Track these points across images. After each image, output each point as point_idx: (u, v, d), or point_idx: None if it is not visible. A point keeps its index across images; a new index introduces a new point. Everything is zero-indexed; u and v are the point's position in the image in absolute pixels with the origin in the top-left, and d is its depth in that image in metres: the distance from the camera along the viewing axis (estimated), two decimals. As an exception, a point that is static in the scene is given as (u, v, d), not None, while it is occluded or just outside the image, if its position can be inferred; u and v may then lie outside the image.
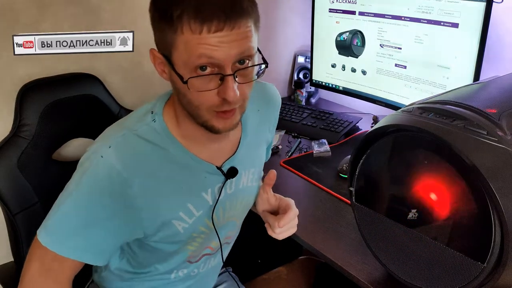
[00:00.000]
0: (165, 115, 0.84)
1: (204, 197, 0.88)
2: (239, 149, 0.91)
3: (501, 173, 0.65)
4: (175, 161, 0.83)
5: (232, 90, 0.72)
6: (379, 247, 0.86)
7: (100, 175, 0.77)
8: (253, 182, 0.98)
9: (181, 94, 0.77)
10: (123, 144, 0.79)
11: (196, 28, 0.68)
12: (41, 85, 1.18)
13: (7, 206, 1.07)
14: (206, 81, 0.73)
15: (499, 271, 0.67)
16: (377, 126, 0.81)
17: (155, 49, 0.77)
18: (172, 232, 0.87)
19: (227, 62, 0.71)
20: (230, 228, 1.00)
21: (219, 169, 0.88)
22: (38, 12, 1.23)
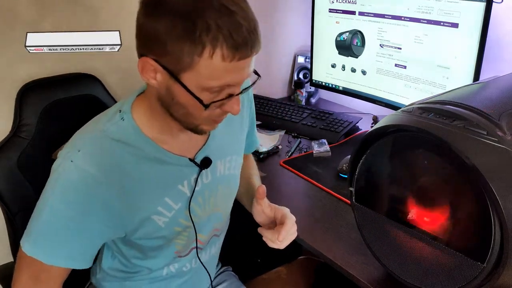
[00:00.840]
0: (134, 113, 0.84)
1: (180, 190, 0.89)
2: (210, 139, 0.93)
3: (501, 173, 0.65)
4: (147, 157, 0.84)
5: (238, 106, 0.77)
6: (379, 247, 0.86)
7: (73, 181, 0.77)
8: (231, 170, 0.99)
9: (178, 106, 0.76)
10: (92, 146, 0.79)
11: (228, 55, 0.69)
12: (41, 85, 1.18)
13: (7, 206, 1.07)
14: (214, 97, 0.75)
15: (499, 271, 0.67)
16: (377, 126, 0.81)
17: (151, 59, 0.74)
18: (153, 228, 0.88)
19: (241, 83, 0.76)
20: (215, 219, 1.00)
21: (192, 160, 0.89)
22: (37, 12, 1.23)
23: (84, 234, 0.81)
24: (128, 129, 0.82)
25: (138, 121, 0.84)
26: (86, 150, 0.78)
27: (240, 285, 1.20)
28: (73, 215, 0.79)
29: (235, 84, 0.75)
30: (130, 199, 0.83)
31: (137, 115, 0.84)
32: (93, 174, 0.77)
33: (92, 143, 0.80)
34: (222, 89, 0.74)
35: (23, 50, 1.23)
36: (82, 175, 0.77)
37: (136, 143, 0.83)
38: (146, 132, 0.84)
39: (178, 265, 0.99)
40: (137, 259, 0.95)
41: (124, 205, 0.82)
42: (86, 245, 0.83)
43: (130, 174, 0.82)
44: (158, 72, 0.75)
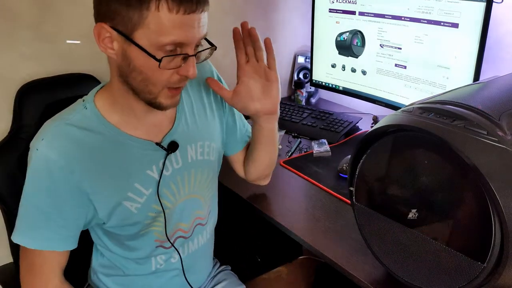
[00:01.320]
0: (97, 101, 0.87)
1: (149, 175, 0.90)
2: (176, 123, 0.94)
3: (501, 173, 0.65)
4: (111, 142, 0.86)
5: (194, 68, 0.79)
6: (379, 247, 0.86)
7: (40, 168, 0.81)
8: (204, 155, 0.99)
9: (135, 72, 0.79)
10: (54, 134, 0.82)
11: (173, 7, 0.72)
12: (40, 85, 1.18)
13: (6, 206, 1.07)
14: (170, 60, 0.78)
15: (499, 271, 0.67)
16: (377, 126, 0.81)
17: (105, 24, 0.77)
18: (126, 214, 0.89)
19: (193, 43, 0.78)
20: (193, 206, 1.00)
21: (158, 144, 0.90)
22: (39, 12, 1.23)
23: (58, 216, 0.84)
24: (91, 117, 0.85)
25: (101, 109, 0.86)
26: (49, 138, 0.82)
27: (239, 284, 1.19)
28: (44, 199, 0.83)
29: (187, 43, 0.77)
30: (98, 183, 0.85)
31: (100, 102, 0.87)
32: (55, 160, 0.80)
33: (54, 131, 0.83)
34: (174, 48, 0.76)
35: (23, 50, 1.23)
36: (46, 161, 0.81)
37: (99, 129, 0.85)
38: (109, 118, 0.86)
39: (165, 257, 0.99)
40: (122, 250, 0.97)
41: (92, 189, 0.85)
42: (63, 226, 0.86)
43: (95, 158, 0.84)
44: (114, 41, 0.78)
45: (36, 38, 1.24)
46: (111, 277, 1.02)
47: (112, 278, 1.02)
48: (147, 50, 0.75)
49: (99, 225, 0.93)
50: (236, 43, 0.97)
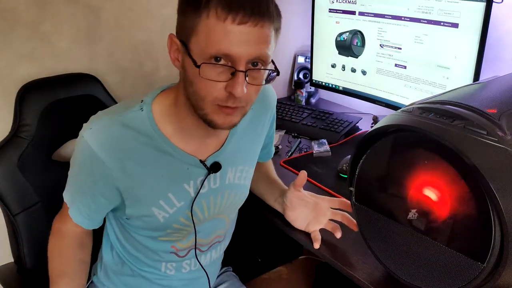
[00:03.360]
0: (155, 106, 0.86)
1: (185, 188, 0.90)
2: (225, 145, 0.93)
3: (501, 173, 0.65)
4: (155, 147, 0.85)
5: (241, 86, 0.73)
6: (379, 247, 0.86)
7: (82, 154, 0.84)
8: (241, 180, 0.99)
9: (188, 83, 0.78)
10: (103, 127, 0.83)
11: (221, 14, 0.70)
12: (40, 85, 1.18)
13: (7, 206, 1.07)
14: (217, 72, 0.74)
15: (499, 271, 0.67)
16: (377, 126, 0.81)
17: (174, 35, 0.79)
18: (152, 220, 0.89)
19: (243, 58, 0.72)
20: (217, 225, 1.00)
21: (202, 162, 0.89)
22: (38, 12, 1.23)
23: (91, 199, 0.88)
24: (144, 120, 0.85)
25: (156, 115, 0.85)
26: (96, 129, 0.82)
27: (241, 285, 1.19)
28: (85, 179, 0.87)
29: (236, 57, 0.72)
30: (133, 184, 0.85)
31: (157, 109, 0.86)
32: (96, 152, 0.82)
33: (104, 124, 0.83)
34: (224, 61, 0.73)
35: (23, 50, 1.23)
36: (88, 150, 0.82)
37: (149, 134, 0.85)
38: (162, 127, 0.86)
39: (176, 265, 0.99)
40: (134, 248, 0.97)
41: (125, 189, 0.86)
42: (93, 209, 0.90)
43: (136, 159, 0.84)
44: (180, 52, 0.78)
45: (35, 38, 1.24)
46: (117, 275, 1.02)
47: (119, 278, 1.02)
48: (194, 58, 0.74)
49: (121, 218, 0.95)
50: None
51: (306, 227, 1.02)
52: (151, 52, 1.48)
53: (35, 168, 1.12)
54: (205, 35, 0.72)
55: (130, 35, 1.42)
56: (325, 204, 1.01)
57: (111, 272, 1.02)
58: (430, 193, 0.75)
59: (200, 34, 0.72)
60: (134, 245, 0.97)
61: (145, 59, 1.47)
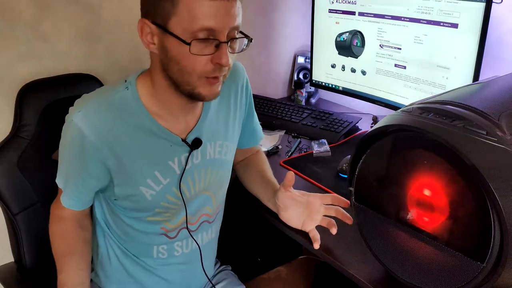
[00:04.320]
0: (139, 85, 0.90)
1: (171, 166, 0.93)
2: (201, 120, 0.96)
3: (501, 173, 0.65)
4: (142, 128, 0.89)
5: (226, 56, 0.80)
6: (379, 247, 0.86)
7: (72, 136, 0.87)
8: (222, 155, 1.02)
9: (172, 62, 0.81)
10: (92, 109, 0.86)
11: None
12: (40, 85, 1.18)
13: (7, 206, 1.07)
14: (203, 47, 0.79)
15: (499, 271, 0.67)
16: (377, 126, 0.81)
17: (145, 19, 0.81)
18: (140, 199, 0.92)
19: (224, 30, 0.79)
20: (204, 202, 1.02)
21: (184, 140, 0.93)
22: (38, 12, 1.23)
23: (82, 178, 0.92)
24: (130, 99, 0.88)
25: (141, 93, 0.89)
26: (85, 112, 0.86)
27: (239, 284, 1.20)
28: (76, 161, 0.90)
29: (219, 30, 0.78)
30: (122, 164, 0.89)
31: (141, 87, 0.90)
32: (87, 134, 0.85)
33: (92, 106, 0.86)
34: (207, 35, 0.78)
35: (23, 50, 1.23)
36: (78, 133, 0.86)
37: (135, 113, 0.88)
38: (147, 104, 0.89)
39: (168, 247, 1.01)
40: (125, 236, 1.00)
41: (115, 168, 0.89)
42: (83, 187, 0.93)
43: (123, 140, 0.88)
44: (154, 35, 0.81)
45: (35, 38, 1.24)
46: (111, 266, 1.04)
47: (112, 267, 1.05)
48: (180, 37, 0.78)
49: (109, 200, 0.97)
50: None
51: (302, 226, 1.02)
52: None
53: (35, 168, 1.12)
54: (187, 13, 0.76)
55: (130, 35, 1.42)
56: (317, 201, 1.01)
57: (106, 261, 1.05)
58: (429, 193, 0.75)
59: (181, 13, 0.76)
60: (124, 230, 0.99)
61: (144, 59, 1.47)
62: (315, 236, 0.99)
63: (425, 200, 0.76)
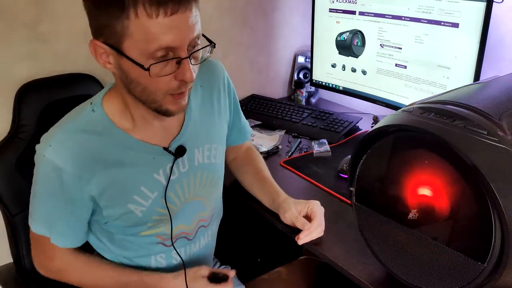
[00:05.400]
0: (105, 104, 0.86)
1: (156, 178, 0.90)
2: (184, 127, 0.93)
3: (502, 173, 0.65)
4: (118, 146, 0.86)
5: (190, 72, 0.76)
6: (380, 247, 0.86)
7: (49, 173, 0.83)
8: (211, 158, 1.00)
9: (134, 83, 0.78)
10: (61, 140, 0.82)
11: (152, 11, 0.69)
12: (39, 85, 1.18)
13: (6, 207, 1.07)
14: (164, 66, 0.75)
15: (499, 271, 0.67)
16: (378, 126, 0.81)
17: (96, 40, 0.76)
18: (130, 217, 0.90)
19: (184, 45, 0.74)
20: (197, 208, 1.00)
21: (166, 149, 0.90)
22: (37, 12, 1.23)
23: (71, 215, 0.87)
24: (99, 120, 0.85)
25: (109, 113, 0.86)
26: (56, 145, 0.82)
27: (239, 284, 1.19)
28: (56, 201, 0.85)
29: (177, 46, 0.73)
30: (105, 187, 0.86)
31: (108, 107, 0.86)
32: (62, 167, 0.81)
33: (61, 138, 0.83)
34: (166, 53, 0.73)
35: (21, 50, 1.23)
36: (53, 168, 0.82)
37: (107, 133, 0.85)
38: (118, 123, 0.86)
39: (165, 256, 0.99)
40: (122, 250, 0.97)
41: (99, 192, 0.86)
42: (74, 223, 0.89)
43: (101, 163, 0.84)
44: (109, 55, 0.76)
45: (34, 38, 1.24)
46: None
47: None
48: (136, 60, 0.73)
49: (100, 225, 0.94)
50: None
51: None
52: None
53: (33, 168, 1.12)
54: (141, 34, 0.71)
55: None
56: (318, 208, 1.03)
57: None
58: (430, 193, 0.75)
59: (134, 35, 0.71)
60: (120, 245, 0.96)
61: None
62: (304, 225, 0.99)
63: (426, 200, 0.76)
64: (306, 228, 0.98)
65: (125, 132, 0.86)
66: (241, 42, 1.73)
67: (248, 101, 1.78)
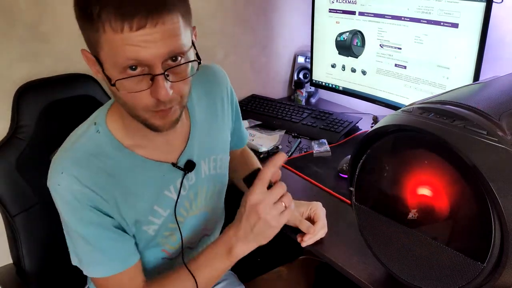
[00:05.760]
0: (109, 123, 0.82)
1: (168, 196, 0.88)
2: (190, 140, 0.90)
3: (501, 173, 0.65)
4: (128, 167, 0.82)
5: (164, 90, 0.69)
6: (379, 247, 0.86)
7: (71, 201, 0.77)
8: (217, 169, 0.98)
9: (116, 96, 0.74)
10: (72, 164, 0.78)
11: (117, 26, 0.65)
12: (38, 86, 1.18)
13: (5, 208, 1.07)
14: (136, 82, 0.70)
15: (499, 271, 0.67)
16: (377, 126, 0.81)
17: (86, 50, 0.73)
18: (143, 236, 0.88)
19: (156, 61, 0.68)
20: (202, 220, 0.99)
21: (175, 165, 0.87)
22: (38, 12, 1.23)
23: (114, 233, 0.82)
24: (105, 142, 0.81)
25: (114, 131, 0.82)
26: (68, 170, 0.77)
27: (239, 284, 1.19)
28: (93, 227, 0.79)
29: (147, 61, 0.67)
30: (122, 209, 0.83)
31: (112, 124, 0.82)
32: (79, 189, 0.77)
33: (71, 162, 0.78)
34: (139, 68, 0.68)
35: (21, 50, 1.23)
36: (72, 193, 0.77)
37: (115, 155, 0.81)
38: (123, 141, 0.82)
39: (168, 267, 0.98)
40: None
41: (118, 215, 0.83)
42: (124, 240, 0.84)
43: (115, 185, 0.81)
44: (96, 65, 0.73)
45: (34, 38, 1.24)
46: None
47: None
48: (108, 74, 0.69)
49: None
50: None
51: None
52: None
53: (33, 169, 1.11)
54: (109, 48, 0.67)
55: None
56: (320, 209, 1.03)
57: None
58: (430, 193, 0.75)
59: (105, 48, 0.67)
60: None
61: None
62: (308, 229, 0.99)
63: (426, 200, 0.76)
64: (311, 232, 0.98)
65: (133, 151, 0.83)
66: (242, 42, 1.73)
67: (248, 101, 1.79)
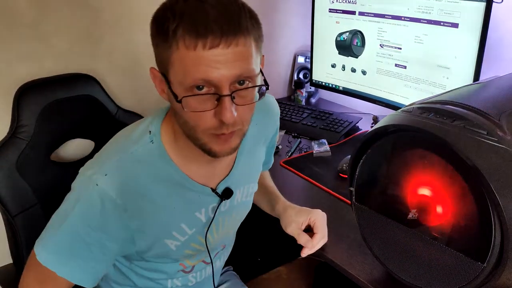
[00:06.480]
0: (163, 135, 0.82)
1: (197, 217, 0.88)
2: (234, 170, 0.90)
3: (501, 173, 0.65)
4: (169, 182, 0.82)
5: (229, 111, 0.69)
6: (379, 247, 0.86)
7: (94, 203, 0.76)
8: (247, 197, 0.98)
9: (178, 115, 0.74)
10: (119, 170, 0.77)
11: (190, 43, 0.66)
12: (39, 85, 1.18)
13: (6, 207, 1.07)
14: (202, 101, 0.70)
15: (499, 271, 0.67)
16: (377, 126, 0.81)
17: (155, 68, 0.75)
18: (163, 250, 0.87)
19: (224, 82, 0.68)
20: (224, 241, 1.01)
21: (214, 191, 0.87)
22: (38, 12, 1.23)
23: (99, 250, 0.79)
24: (155, 153, 0.80)
25: (166, 145, 0.81)
26: (113, 176, 0.76)
27: (242, 285, 1.19)
28: (90, 232, 0.77)
29: (215, 81, 0.67)
30: (147, 221, 0.82)
31: (165, 137, 0.82)
32: (113, 198, 0.76)
33: (119, 168, 0.77)
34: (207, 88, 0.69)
35: (22, 50, 1.23)
36: (103, 198, 0.76)
37: (162, 167, 0.81)
38: (173, 156, 0.82)
39: (182, 279, 0.98)
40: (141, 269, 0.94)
41: (140, 226, 0.81)
42: (98, 260, 0.81)
43: (150, 196, 0.80)
44: (163, 83, 0.74)
45: (35, 38, 1.24)
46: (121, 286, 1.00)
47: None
48: (175, 91, 0.70)
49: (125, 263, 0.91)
50: None
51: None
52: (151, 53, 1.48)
53: (33, 169, 1.11)
54: (180, 66, 0.68)
55: (130, 35, 1.42)
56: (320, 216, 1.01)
57: (114, 283, 1.00)
58: (430, 193, 0.75)
59: (175, 65, 0.68)
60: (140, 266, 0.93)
61: (144, 59, 1.47)
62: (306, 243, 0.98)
63: (426, 200, 0.76)
64: (309, 247, 0.97)
65: (178, 167, 0.82)
66: (241, 42, 1.73)
67: (248, 101, 1.78)
